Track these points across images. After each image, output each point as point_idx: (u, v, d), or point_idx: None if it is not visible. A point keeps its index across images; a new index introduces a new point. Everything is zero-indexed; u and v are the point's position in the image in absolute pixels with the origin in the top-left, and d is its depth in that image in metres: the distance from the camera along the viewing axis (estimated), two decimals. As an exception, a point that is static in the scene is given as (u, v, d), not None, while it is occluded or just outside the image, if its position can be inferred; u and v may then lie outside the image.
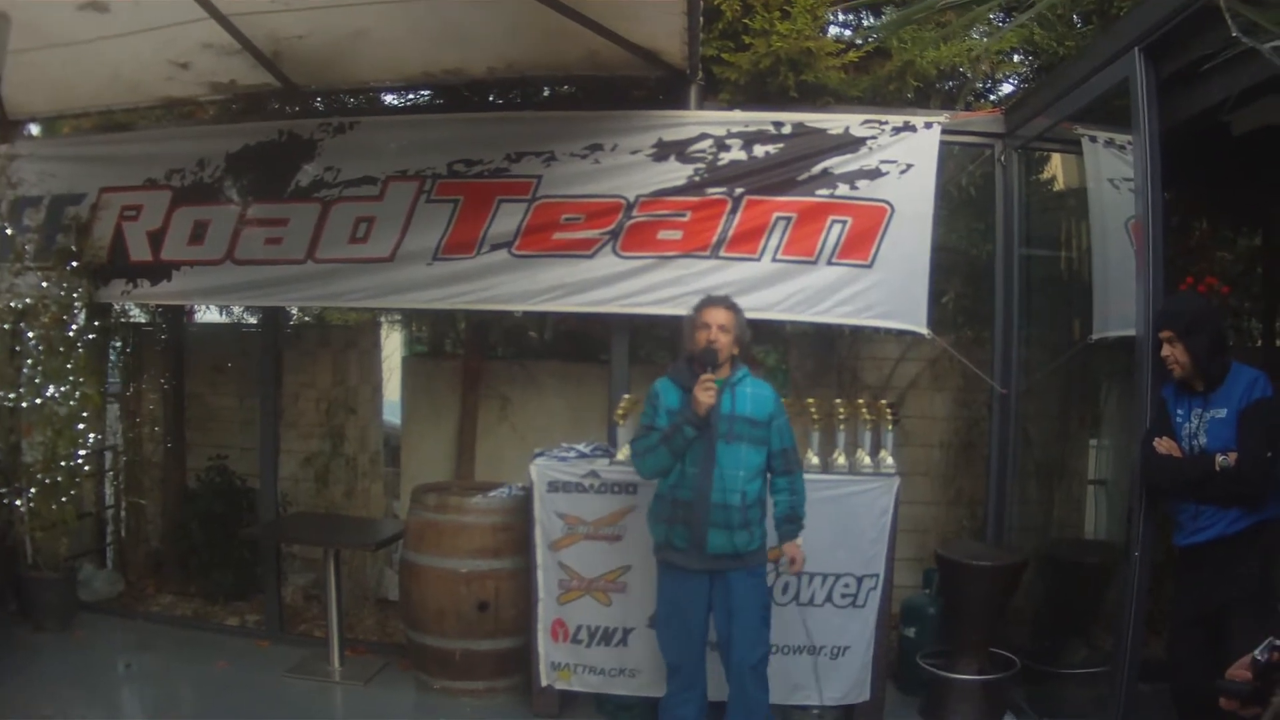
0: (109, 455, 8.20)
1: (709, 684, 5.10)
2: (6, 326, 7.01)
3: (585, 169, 6.36)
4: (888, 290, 6.10)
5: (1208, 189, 7.00)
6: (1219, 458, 4.49)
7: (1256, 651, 2.94)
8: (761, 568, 5.01)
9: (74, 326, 7.06)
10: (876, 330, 6.77)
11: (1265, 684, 2.79)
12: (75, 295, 7.06)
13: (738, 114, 6.35)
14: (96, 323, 7.29)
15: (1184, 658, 4.69)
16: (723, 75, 6.59)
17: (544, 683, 5.88)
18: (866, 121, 6.18)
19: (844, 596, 5.69)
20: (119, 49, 6.44)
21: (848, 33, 7.31)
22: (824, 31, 6.84)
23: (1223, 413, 4.59)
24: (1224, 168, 6.17)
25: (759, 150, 6.22)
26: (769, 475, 4.98)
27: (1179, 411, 4.73)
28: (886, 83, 6.71)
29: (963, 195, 7.08)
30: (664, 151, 6.29)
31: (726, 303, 5.00)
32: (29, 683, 6.01)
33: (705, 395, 4.71)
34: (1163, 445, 4.64)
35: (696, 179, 6.25)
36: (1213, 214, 7.41)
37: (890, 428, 5.88)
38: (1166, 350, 4.64)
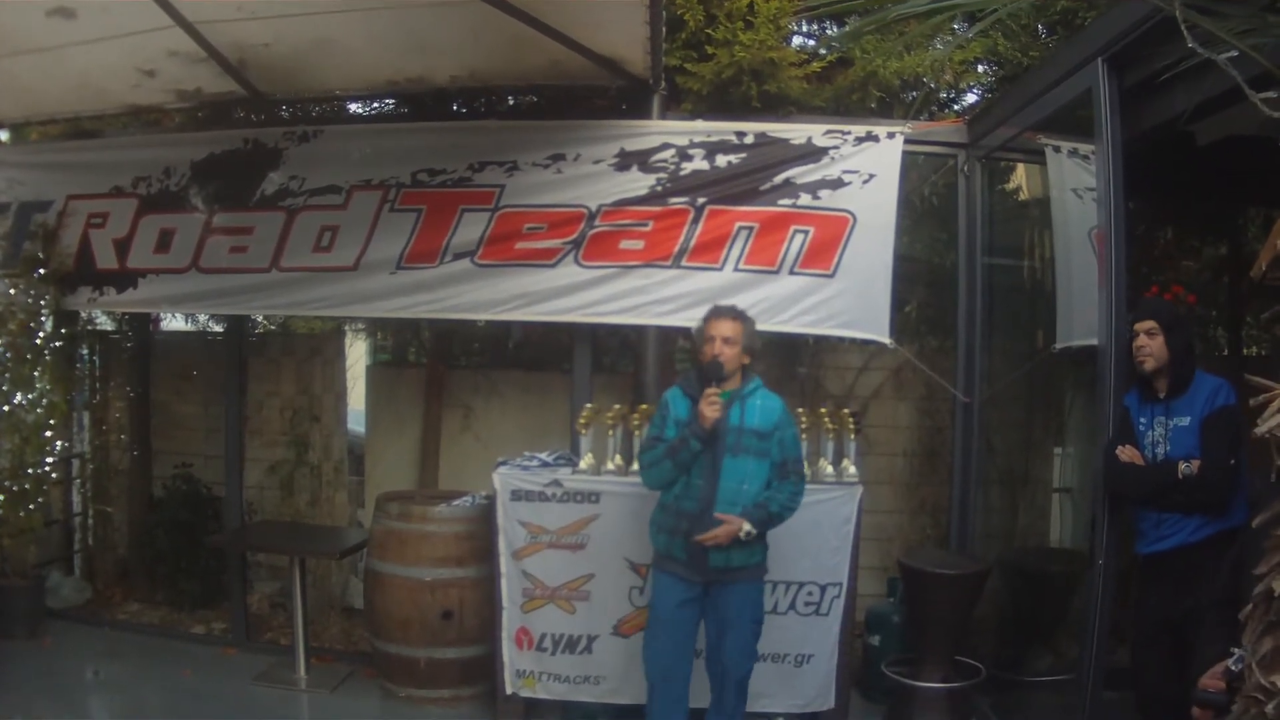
0: (76, 463, 8.20)
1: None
2: (-26, 335, 6.97)
3: (548, 178, 6.36)
4: (850, 300, 6.12)
5: (1174, 198, 7.04)
6: (1181, 465, 4.51)
7: (1230, 662, 2.97)
8: (760, 581, 5.00)
9: (41, 334, 6.99)
10: (840, 340, 6.76)
11: (1234, 694, 2.82)
12: (43, 303, 7.01)
13: (700, 124, 6.36)
14: (64, 330, 7.24)
15: (1148, 666, 4.72)
16: (686, 85, 6.60)
17: (509, 690, 5.88)
18: (829, 131, 6.19)
19: (807, 605, 5.71)
20: (86, 56, 6.40)
21: (811, 43, 7.33)
22: (787, 42, 6.84)
23: (1186, 420, 4.62)
24: (1190, 178, 6.21)
25: (721, 160, 6.24)
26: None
27: (1142, 420, 4.76)
28: (849, 93, 6.74)
29: (926, 205, 7.12)
30: (626, 161, 6.30)
31: (733, 313, 4.94)
32: (-4, 690, 6.00)
33: (710, 410, 4.68)
34: (1125, 453, 4.66)
35: (659, 189, 6.26)
36: (1179, 223, 7.45)
37: (853, 436, 5.90)
38: (1143, 341, 4.66)
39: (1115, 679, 4.85)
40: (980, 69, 7.18)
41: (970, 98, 7.39)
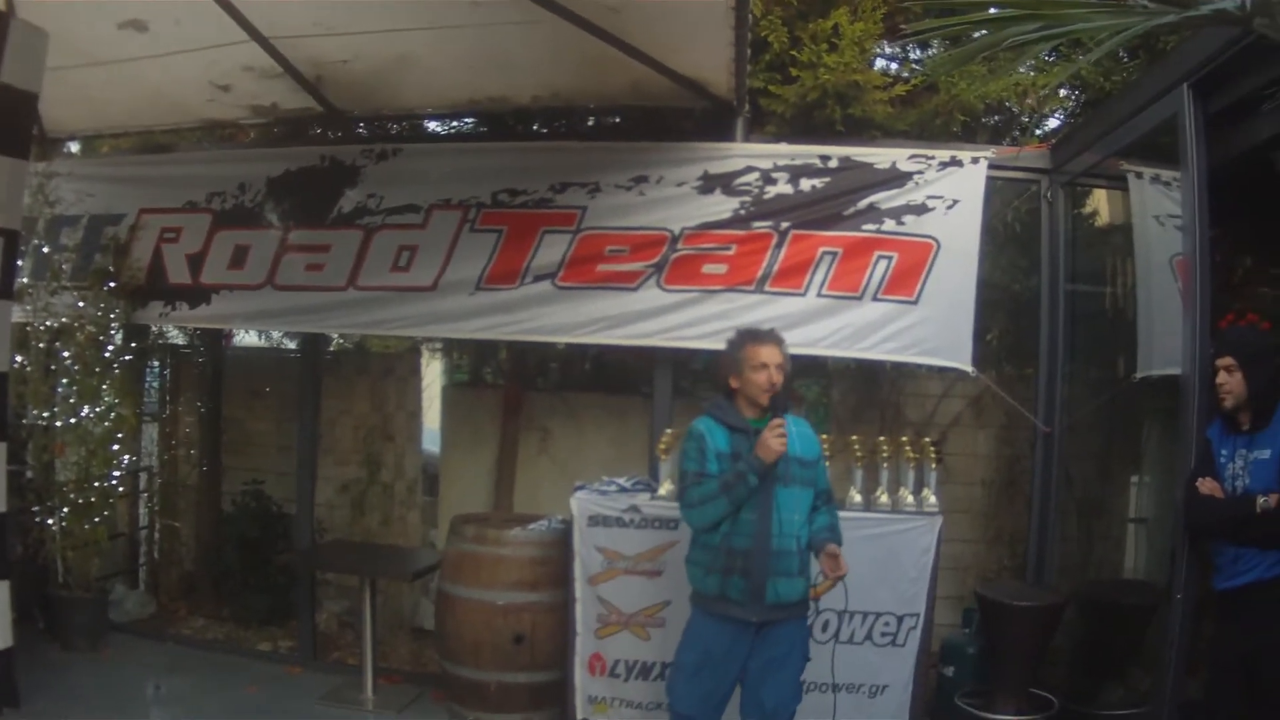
0: (144, 476, 8.21)
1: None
2: (41, 345, 6.98)
3: (630, 201, 6.34)
4: (933, 327, 6.04)
5: (1251, 225, 6.95)
6: (1260, 499, 4.40)
7: None
8: (807, 616, 4.86)
9: (110, 347, 7.04)
10: (920, 367, 6.69)
11: None
12: (112, 316, 7.05)
13: (784, 147, 6.32)
14: (133, 344, 7.31)
15: (1223, 701, 4.62)
16: (769, 107, 6.57)
17: (580, 716, 5.84)
18: (913, 156, 6.14)
19: (884, 635, 5.62)
20: (159, 69, 6.45)
21: (894, 66, 7.28)
22: (871, 64, 6.81)
23: (1266, 454, 4.51)
24: (1267, 204, 6.13)
25: (805, 184, 6.19)
26: None
27: (1223, 452, 4.67)
28: (933, 117, 6.69)
29: (1008, 231, 7.01)
30: (710, 184, 6.26)
31: (777, 337, 4.80)
32: (56, 701, 5.97)
33: (779, 443, 4.46)
34: (1205, 486, 4.58)
35: (742, 212, 6.21)
36: (1257, 250, 7.35)
37: (934, 466, 5.81)
38: (1223, 378, 4.58)
39: (1186, 712, 4.79)
40: (1062, 93, 7.12)
41: (1053, 122, 7.35)
